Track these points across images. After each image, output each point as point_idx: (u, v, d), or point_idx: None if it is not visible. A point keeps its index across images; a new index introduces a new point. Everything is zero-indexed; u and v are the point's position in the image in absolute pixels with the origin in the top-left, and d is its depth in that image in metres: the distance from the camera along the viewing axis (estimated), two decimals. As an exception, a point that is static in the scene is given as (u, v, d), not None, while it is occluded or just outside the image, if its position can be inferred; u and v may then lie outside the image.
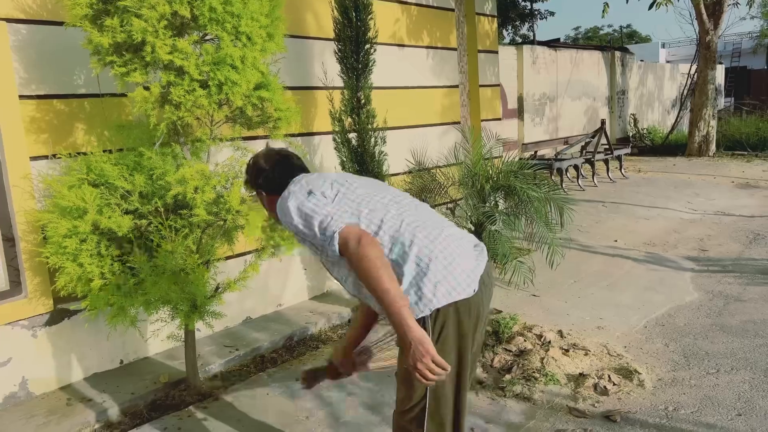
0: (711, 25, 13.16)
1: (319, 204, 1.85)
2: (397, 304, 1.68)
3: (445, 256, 1.85)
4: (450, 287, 1.82)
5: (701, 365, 3.52)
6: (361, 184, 2.01)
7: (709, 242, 6.37)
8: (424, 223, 1.91)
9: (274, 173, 2.08)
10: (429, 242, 1.86)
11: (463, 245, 1.94)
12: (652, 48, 33.85)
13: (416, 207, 2.01)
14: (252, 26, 2.83)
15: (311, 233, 1.84)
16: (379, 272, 1.70)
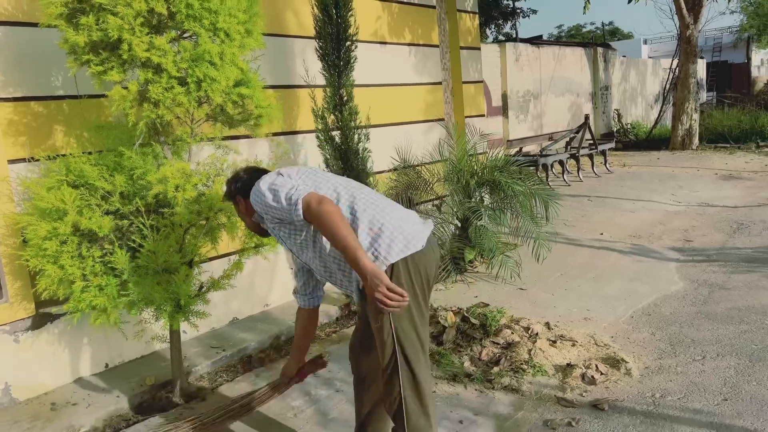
0: (691, 19, 13.30)
1: (286, 181, 2.13)
2: (353, 247, 1.93)
3: (394, 220, 2.13)
4: (402, 245, 2.08)
5: (687, 352, 3.54)
6: (325, 174, 2.32)
7: (693, 233, 6.43)
8: (376, 201, 2.18)
9: (250, 178, 2.32)
10: (380, 212, 2.13)
11: (411, 215, 2.24)
12: (635, 44, 34.18)
13: (371, 192, 2.26)
14: (230, 22, 2.81)
15: (279, 206, 2.07)
16: (337, 224, 1.96)
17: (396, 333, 2.10)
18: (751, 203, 7.76)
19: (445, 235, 5.50)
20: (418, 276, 2.12)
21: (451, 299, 4.68)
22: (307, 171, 2.25)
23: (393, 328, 2.09)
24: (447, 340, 3.82)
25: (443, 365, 3.54)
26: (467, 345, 3.75)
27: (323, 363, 2.81)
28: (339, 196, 2.14)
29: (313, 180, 2.18)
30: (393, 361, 2.13)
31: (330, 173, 2.37)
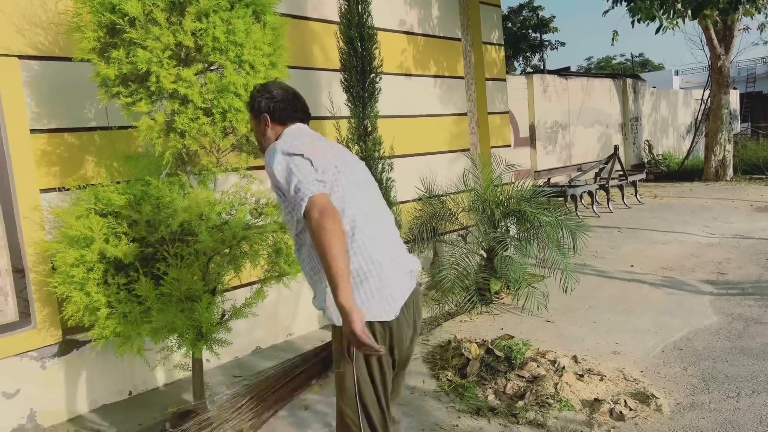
0: (722, 50, 13.17)
1: (303, 167, 1.93)
2: (341, 276, 1.79)
3: (380, 278, 1.98)
4: (380, 306, 1.97)
5: (721, 389, 3.41)
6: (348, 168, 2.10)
7: (727, 265, 6.24)
8: (374, 234, 2.02)
9: (285, 107, 2.20)
10: (373, 253, 1.99)
11: (400, 268, 2.09)
12: (666, 75, 33.88)
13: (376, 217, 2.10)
14: (255, 55, 2.88)
15: (286, 188, 1.93)
16: (334, 246, 1.79)
17: (357, 382, 2.00)
18: (789, 235, 7.51)
19: (470, 265, 5.44)
20: (380, 338, 2.00)
21: (476, 331, 4.61)
22: (329, 154, 2.06)
23: (356, 378, 1.99)
24: (471, 373, 3.75)
25: (467, 398, 3.47)
26: (491, 378, 3.68)
27: None
28: (343, 212, 1.96)
29: (331, 174, 1.98)
30: (354, 406, 2.02)
31: (354, 165, 2.19)
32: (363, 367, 2.01)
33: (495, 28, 6.85)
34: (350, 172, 2.08)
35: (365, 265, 1.98)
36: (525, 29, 20.73)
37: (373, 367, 2.04)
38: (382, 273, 2.00)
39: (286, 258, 3.13)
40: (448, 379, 3.74)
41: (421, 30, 5.85)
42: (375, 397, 2.06)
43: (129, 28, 2.72)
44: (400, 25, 5.62)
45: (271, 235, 3.06)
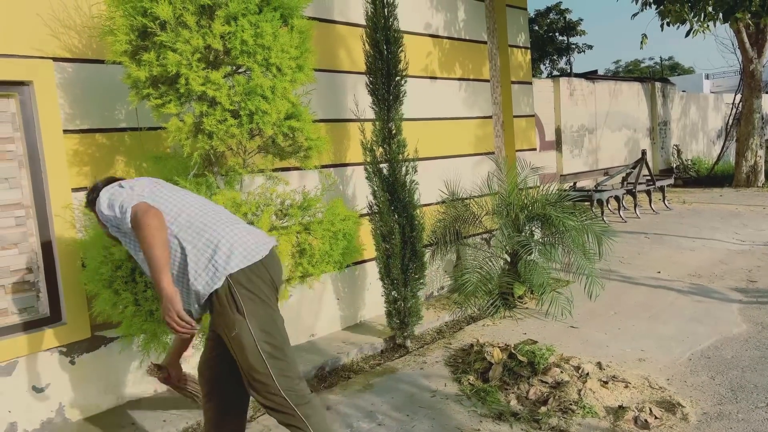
0: (754, 53, 12.91)
1: (123, 192, 2.22)
2: (159, 266, 2.03)
3: (235, 234, 2.23)
4: (241, 256, 2.18)
5: (750, 399, 3.34)
6: (174, 190, 2.37)
7: (758, 273, 6.11)
8: (217, 218, 2.28)
9: (98, 189, 2.38)
10: (220, 227, 2.23)
11: (254, 230, 2.34)
12: (696, 79, 33.29)
13: (215, 210, 2.34)
14: (282, 57, 2.92)
15: (113, 215, 2.18)
16: (154, 237, 2.04)
17: (255, 337, 2.19)
18: (823, 243, 7.33)
19: (493, 269, 5.42)
20: (261, 282, 2.22)
21: (499, 335, 4.58)
22: (151, 183, 2.33)
23: (252, 333, 2.19)
24: (493, 377, 3.73)
25: (489, 402, 3.45)
26: (514, 383, 3.65)
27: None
28: (180, 212, 2.23)
29: (153, 193, 2.26)
30: (261, 363, 2.20)
31: (183, 191, 2.41)
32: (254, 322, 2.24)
33: (521, 31, 6.81)
34: (172, 190, 2.35)
35: (217, 230, 2.26)
36: (552, 32, 20.55)
37: (262, 316, 2.27)
38: (236, 231, 2.30)
39: (310, 259, 3.15)
40: (470, 383, 3.73)
41: (446, 33, 5.84)
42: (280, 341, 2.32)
43: (160, 31, 2.78)
44: (425, 28, 5.62)
45: (296, 236, 3.08)
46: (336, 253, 3.21)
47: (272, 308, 2.28)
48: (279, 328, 2.29)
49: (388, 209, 4.28)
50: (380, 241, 4.34)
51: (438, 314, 5.21)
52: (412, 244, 4.37)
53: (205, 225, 2.23)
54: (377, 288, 4.59)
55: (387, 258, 4.35)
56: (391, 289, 4.41)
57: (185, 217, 2.23)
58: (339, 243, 3.21)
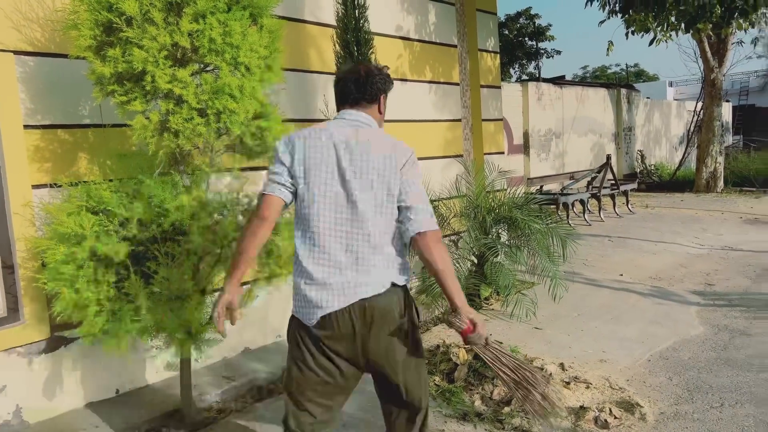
0: (715, 63, 13.30)
1: (276, 167, 2.16)
2: (233, 267, 2.20)
3: (301, 281, 2.14)
4: (295, 307, 2.19)
5: (705, 399, 3.44)
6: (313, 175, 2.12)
7: (716, 277, 6.30)
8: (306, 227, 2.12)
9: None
10: (300, 262, 2.14)
11: (319, 269, 2.10)
12: (660, 86, 34.07)
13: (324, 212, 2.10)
14: (251, 57, 2.89)
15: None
16: (243, 237, 2.15)
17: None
18: (777, 248, 7.59)
19: (461, 271, 5.46)
20: (302, 333, 2.17)
21: (465, 336, 4.63)
22: (297, 159, 2.12)
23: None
24: (458, 378, 3.77)
25: (453, 403, 3.49)
26: (479, 383, 3.70)
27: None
28: (297, 218, 2.17)
29: (290, 175, 2.13)
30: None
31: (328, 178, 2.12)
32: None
33: (491, 36, 6.88)
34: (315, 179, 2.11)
35: (298, 264, 2.18)
36: (521, 37, 20.83)
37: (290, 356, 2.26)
38: (302, 278, 2.15)
39: (277, 260, 3.14)
40: (436, 384, 3.76)
41: (417, 36, 5.88)
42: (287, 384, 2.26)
43: (126, 27, 2.73)
44: (396, 30, 5.65)
45: (263, 237, 3.06)
46: (303, 253, 3.20)
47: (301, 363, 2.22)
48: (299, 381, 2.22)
49: (357, 210, 4.28)
50: (348, 242, 4.34)
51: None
52: (380, 245, 4.38)
53: (301, 249, 2.24)
54: (345, 289, 4.59)
55: (355, 259, 4.35)
56: (358, 290, 4.41)
57: (299, 224, 2.26)
58: (306, 244, 3.20)
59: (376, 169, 2.11)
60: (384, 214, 2.11)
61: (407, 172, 2.14)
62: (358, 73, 2.29)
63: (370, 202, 2.10)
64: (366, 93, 2.26)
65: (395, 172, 2.12)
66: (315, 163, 2.11)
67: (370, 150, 2.13)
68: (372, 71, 2.30)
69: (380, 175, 2.11)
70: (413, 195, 2.12)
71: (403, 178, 2.13)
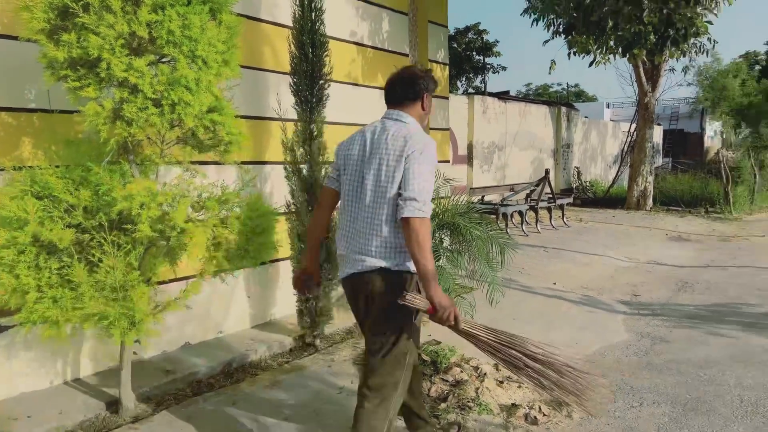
0: (649, 87, 14.03)
1: (332, 164, 2.69)
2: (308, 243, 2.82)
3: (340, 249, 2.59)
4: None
5: (626, 399, 3.68)
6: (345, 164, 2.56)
7: (641, 288, 6.68)
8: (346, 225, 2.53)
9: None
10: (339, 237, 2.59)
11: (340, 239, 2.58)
12: (598, 107, 35.55)
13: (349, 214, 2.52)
14: (208, 51, 2.93)
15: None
16: (311, 221, 2.80)
17: None
18: (697, 264, 8.11)
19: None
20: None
21: (405, 337, 4.75)
22: (346, 166, 2.54)
23: None
24: (397, 376, 3.88)
25: (392, 399, 3.58)
26: (417, 381, 3.81)
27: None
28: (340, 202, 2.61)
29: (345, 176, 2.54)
30: None
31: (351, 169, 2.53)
32: None
33: (441, 48, 7.09)
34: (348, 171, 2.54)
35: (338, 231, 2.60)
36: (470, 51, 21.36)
37: None
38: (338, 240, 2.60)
39: (226, 253, 3.17)
40: (376, 381, 3.85)
41: (371, 42, 6.00)
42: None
43: (82, 12, 2.72)
44: (351, 35, 5.75)
45: (212, 229, 3.09)
46: (253, 248, 3.25)
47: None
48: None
49: (306, 209, 4.35)
50: (296, 241, 4.40)
51: (349, 315, 5.29)
52: (327, 245, 4.46)
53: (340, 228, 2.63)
54: (289, 287, 4.60)
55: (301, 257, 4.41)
56: (303, 288, 4.46)
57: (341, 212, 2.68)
58: (256, 239, 3.25)
59: (385, 159, 2.38)
60: (384, 196, 2.37)
61: (410, 163, 2.32)
62: (402, 76, 2.59)
63: (373, 188, 2.41)
64: (409, 93, 2.53)
65: (400, 163, 2.34)
66: (347, 158, 2.54)
67: (383, 143, 2.42)
68: (415, 74, 2.58)
69: (386, 161, 2.38)
70: (408, 184, 2.31)
71: (405, 167, 2.33)
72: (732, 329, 5.09)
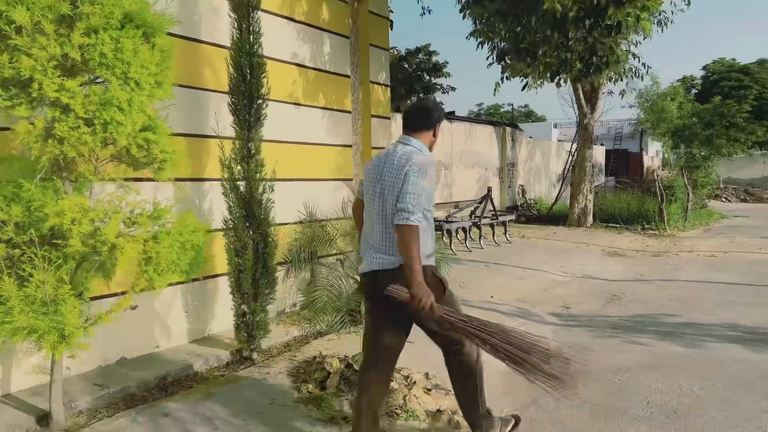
0: (588, 109, 14.69)
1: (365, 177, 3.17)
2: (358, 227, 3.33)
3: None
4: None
5: (545, 402, 3.91)
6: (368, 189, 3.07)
7: (572, 301, 7.01)
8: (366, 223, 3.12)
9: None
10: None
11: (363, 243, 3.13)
12: (546, 127, 36.68)
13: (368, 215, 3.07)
14: (141, 73, 3.05)
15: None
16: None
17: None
18: (628, 278, 8.54)
19: (344, 288, 5.75)
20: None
21: (342, 348, 4.89)
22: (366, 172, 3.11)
23: None
24: (330, 385, 4.02)
25: (323, 408, 3.73)
26: (349, 390, 3.96)
27: None
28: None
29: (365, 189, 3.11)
30: None
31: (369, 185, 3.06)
32: None
33: (383, 70, 7.34)
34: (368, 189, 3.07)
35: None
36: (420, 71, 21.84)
37: None
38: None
39: (156, 267, 3.26)
40: (309, 391, 3.99)
41: (312, 64, 6.19)
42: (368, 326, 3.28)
43: (15, 35, 2.81)
44: (292, 57, 5.93)
45: (143, 244, 3.19)
46: (183, 263, 3.35)
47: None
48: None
49: (243, 225, 4.47)
50: (233, 256, 4.50)
51: (288, 329, 5.42)
52: (265, 260, 4.58)
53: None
54: (227, 302, 4.72)
55: (239, 272, 4.51)
56: (241, 302, 4.57)
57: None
58: (187, 253, 3.36)
59: (391, 176, 2.92)
60: (388, 208, 2.92)
61: (407, 178, 2.82)
62: (419, 108, 3.20)
63: (382, 200, 2.95)
64: (425, 122, 3.09)
65: (399, 178, 2.86)
66: (367, 175, 3.10)
67: (390, 162, 2.96)
68: (430, 107, 3.19)
69: (393, 181, 2.90)
70: (405, 196, 2.80)
71: (403, 181, 2.84)
72: (650, 338, 5.43)
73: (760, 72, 36.41)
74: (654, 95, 26.50)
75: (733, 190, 34.51)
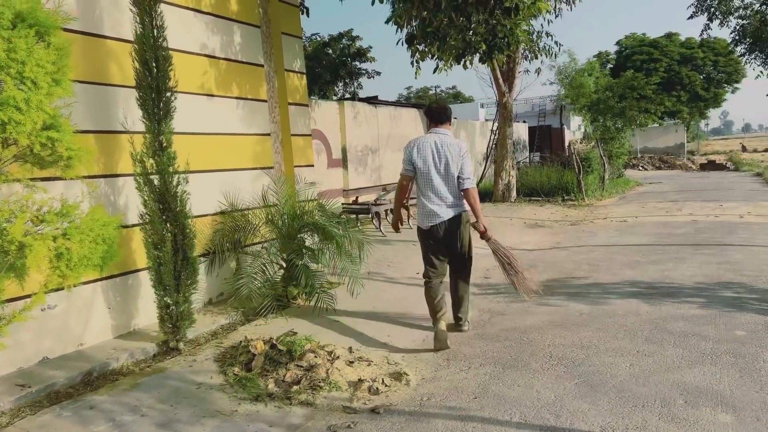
0: (506, 88, 15.21)
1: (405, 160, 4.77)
2: (396, 207, 5.19)
3: (419, 207, 4.84)
4: (418, 221, 4.84)
5: (458, 365, 4.21)
6: (424, 163, 4.69)
7: (493, 271, 7.36)
8: (424, 187, 4.72)
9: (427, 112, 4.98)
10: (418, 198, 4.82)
11: (432, 204, 4.72)
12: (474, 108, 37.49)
13: (421, 185, 4.73)
14: (37, 72, 3.07)
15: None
16: (397, 193, 5.06)
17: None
18: (545, 247, 9.04)
19: (270, 274, 5.88)
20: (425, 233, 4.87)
21: (269, 332, 5.04)
22: (416, 156, 4.68)
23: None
24: (255, 366, 4.17)
25: (249, 388, 3.88)
26: (274, 369, 4.13)
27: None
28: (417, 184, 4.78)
29: (413, 164, 4.70)
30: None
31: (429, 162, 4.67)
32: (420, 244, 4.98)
33: (297, 58, 7.44)
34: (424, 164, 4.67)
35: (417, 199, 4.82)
36: (344, 57, 21.93)
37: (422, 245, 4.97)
38: (419, 203, 4.79)
39: (68, 262, 3.30)
40: (235, 374, 4.13)
41: (223, 54, 6.22)
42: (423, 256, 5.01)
43: None
44: (201, 48, 5.94)
45: (52, 241, 3.23)
46: (96, 257, 3.41)
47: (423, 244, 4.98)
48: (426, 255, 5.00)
49: (160, 219, 4.52)
50: (151, 250, 4.55)
51: (215, 319, 5.51)
52: (184, 251, 4.65)
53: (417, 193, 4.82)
54: (151, 296, 4.76)
55: (159, 266, 4.57)
56: (163, 295, 4.63)
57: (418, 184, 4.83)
58: (99, 247, 3.41)
59: (450, 156, 4.61)
60: (453, 178, 4.63)
61: (465, 159, 4.64)
62: (442, 107, 4.85)
63: (447, 173, 4.62)
64: (448, 117, 4.84)
65: (458, 158, 4.62)
66: (425, 159, 4.63)
67: (449, 146, 4.64)
68: (446, 106, 4.89)
69: (452, 159, 4.61)
70: (464, 170, 4.63)
71: (462, 161, 4.63)
72: (558, 299, 5.85)
73: (668, 45, 38.47)
74: (572, 71, 27.56)
75: (649, 159, 36.51)
